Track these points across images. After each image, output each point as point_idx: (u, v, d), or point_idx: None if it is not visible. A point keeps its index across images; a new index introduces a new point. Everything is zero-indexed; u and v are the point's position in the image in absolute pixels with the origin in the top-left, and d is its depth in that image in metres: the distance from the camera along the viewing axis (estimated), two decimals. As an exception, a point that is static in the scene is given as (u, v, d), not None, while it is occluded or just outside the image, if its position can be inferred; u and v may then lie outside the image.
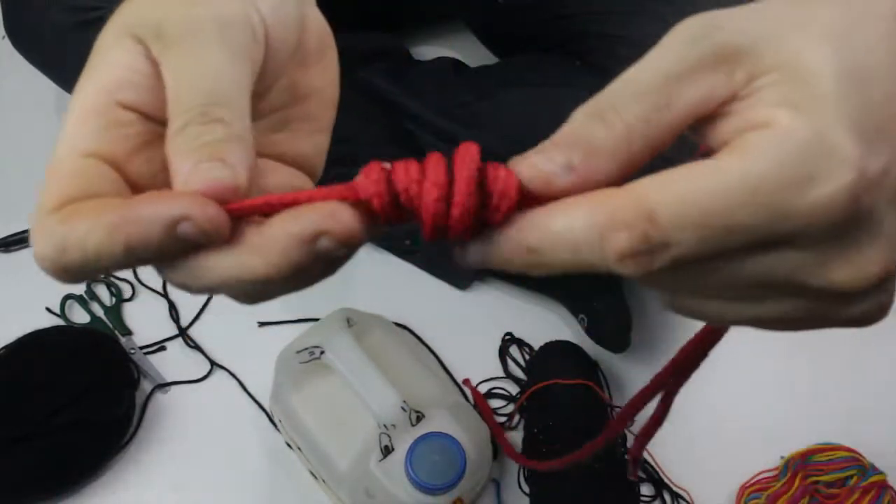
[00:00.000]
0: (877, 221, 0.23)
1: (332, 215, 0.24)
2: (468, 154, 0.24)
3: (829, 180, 0.22)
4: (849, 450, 0.79)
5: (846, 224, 0.22)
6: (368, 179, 0.24)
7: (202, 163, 0.24)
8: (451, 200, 0.24)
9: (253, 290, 0.25)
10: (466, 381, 0.85)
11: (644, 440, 0.41)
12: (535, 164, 0.24)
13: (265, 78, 0.28)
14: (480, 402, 0.83)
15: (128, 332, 0.88)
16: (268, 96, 0.29)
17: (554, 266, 0.24)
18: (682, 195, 0.22)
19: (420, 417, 0.71)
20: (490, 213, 0.24)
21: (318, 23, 0.31)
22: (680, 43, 0.24)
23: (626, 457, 0.44)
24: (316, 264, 0.24)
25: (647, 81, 0.24)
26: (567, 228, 0.23)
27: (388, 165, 0.25)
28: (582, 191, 0.24)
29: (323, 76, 0.31)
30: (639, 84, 0.24)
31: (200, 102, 0.25)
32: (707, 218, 0.22)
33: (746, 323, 0.26)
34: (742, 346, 0.91)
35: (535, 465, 0.74)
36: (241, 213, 0.24)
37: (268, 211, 0.24)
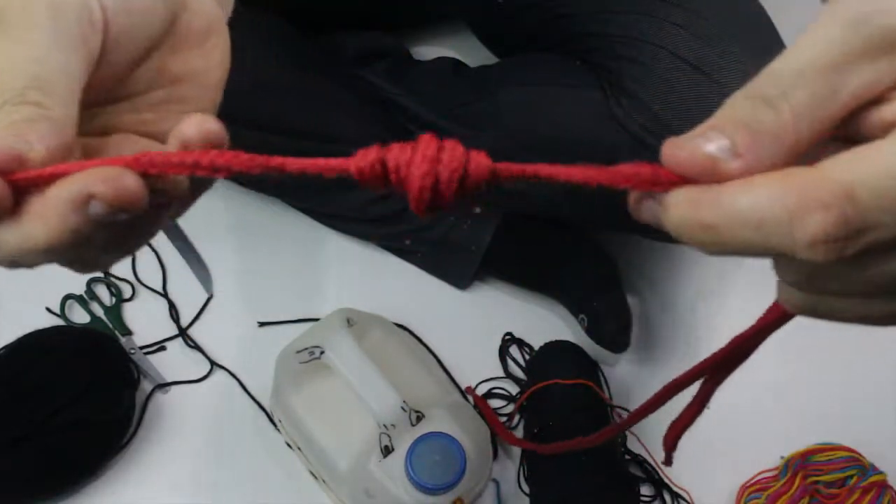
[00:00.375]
0: None
1: (104, 179, 0.24)
2: (453, 142, 0.25)
3: None
4: (849, 450, 0.79)
5: None
6: (362, 151, 0.25)
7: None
8: (438, 174, 0.25)
9: (58, 260, 0.26)
10: (469, 389, 0.85)
11: (685, 425, 0.40)
12: (699, 146, 0.23)
13: (111, 63, 0.29)
14: (482, 406, 0.83)
15: (128, 332, 0.88)
16: (131, 78, 0.30)
17: (731, 245, 0.22)
18: (883, 172, 0.21)
19: (420, 417, 0.71)
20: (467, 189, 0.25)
21: (202, 6, 0.32)
22: (841, 27, 0.22)
23: (663, 446, 0.43)
24: (98, 231, 0.25)
25: (813, 67, 0.22)
26: (751, 207, 0.21)
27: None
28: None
29: (204, 60, 0.32)
30: (804, 69, 0.22)
31: (22, 86, 0.26)
32: None
33: (872, 321, 0.25)
34: (742, 346, 0.91)
35: (538, 447, 0.73)
36: (30, 182, 0.25)
37: (59, 179, 0.25)
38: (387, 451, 0.70)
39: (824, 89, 0.22)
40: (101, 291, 0.91)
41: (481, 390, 0.85)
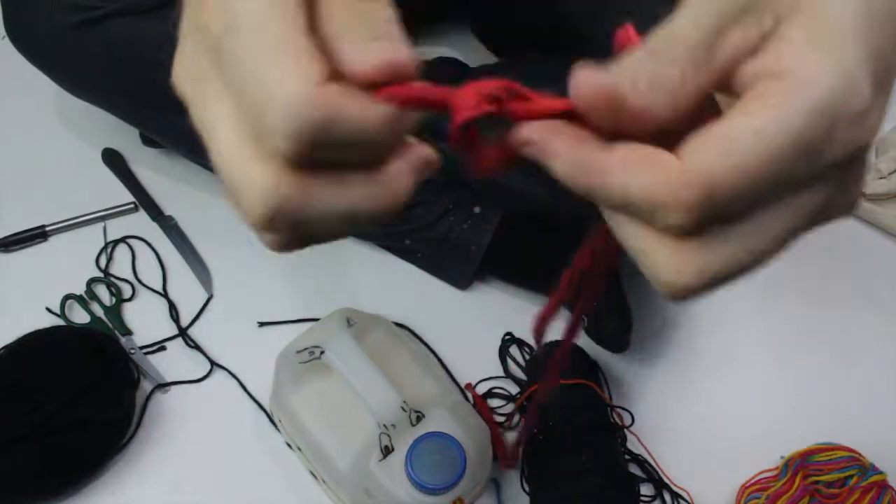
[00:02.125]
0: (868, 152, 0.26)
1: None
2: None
3: (856, 124, 0.24)
4: (849, 450, 0.79)
5: (861, 155, 0.25)
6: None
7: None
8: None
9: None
10: (468, 386, 0.85)
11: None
12: (606, 82, 0.25)
13: None
14: (480, 404, 0.83)
15: (128, 332, 0.88)
16: None
17: (602, 202, 0.26)
18: (737, 166, 0.23)
19: (420, 417, 0.71)
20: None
21: None
22: None
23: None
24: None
25: (694, 36, 0.25)
26: (623, 189, 0.24)
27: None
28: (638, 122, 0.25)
29: None
30: (687, 38, 0.25)
31: None
32: (758, 179, 0.23)
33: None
34: (742, 346, 0.91)
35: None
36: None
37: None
38: (387, 451, 0.70)
39: (706, 52, 0.25)
40: (101, 291, 0.91)
41: (481, 390, 0.85)
